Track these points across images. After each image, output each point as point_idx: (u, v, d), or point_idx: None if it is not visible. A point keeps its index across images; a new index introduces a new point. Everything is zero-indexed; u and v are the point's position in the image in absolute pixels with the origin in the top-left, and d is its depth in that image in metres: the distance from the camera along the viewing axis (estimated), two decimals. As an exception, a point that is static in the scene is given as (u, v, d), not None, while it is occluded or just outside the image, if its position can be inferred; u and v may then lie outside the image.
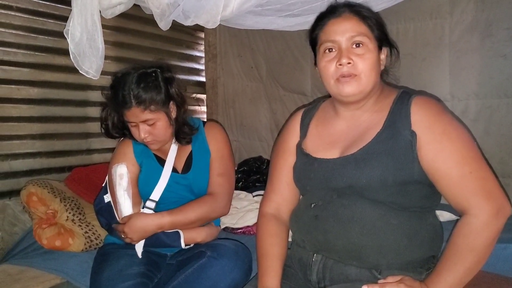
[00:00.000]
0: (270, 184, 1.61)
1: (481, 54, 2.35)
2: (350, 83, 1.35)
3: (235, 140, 3.47)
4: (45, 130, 2.53)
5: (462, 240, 1.24)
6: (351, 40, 1.34)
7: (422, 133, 1.28)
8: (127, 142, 1.89)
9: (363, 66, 1.34)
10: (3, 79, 2.32)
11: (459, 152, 1.25)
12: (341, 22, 1.37)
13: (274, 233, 1.52)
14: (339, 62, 1.34)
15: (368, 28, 1.36)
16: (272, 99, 3.27)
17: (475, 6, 2.33)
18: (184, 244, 1.76)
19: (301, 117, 1.60)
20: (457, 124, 1.31)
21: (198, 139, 1.94)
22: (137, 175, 1.85)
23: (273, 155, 1.64)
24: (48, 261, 1.96)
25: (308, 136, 1.53)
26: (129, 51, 2.95)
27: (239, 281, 1.64)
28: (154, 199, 1.80)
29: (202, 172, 1.88)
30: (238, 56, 3.40)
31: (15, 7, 2.35)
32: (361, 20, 1.37)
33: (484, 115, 2.39)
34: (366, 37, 1.35)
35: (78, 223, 2.06)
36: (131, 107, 1.72)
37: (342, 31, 1.35)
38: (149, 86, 1.74)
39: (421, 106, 1.32)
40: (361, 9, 1.39)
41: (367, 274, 1.33)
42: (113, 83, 1.80)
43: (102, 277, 1.65)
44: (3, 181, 2.36)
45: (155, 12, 2.04)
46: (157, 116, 1.76)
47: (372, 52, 1.35)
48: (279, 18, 2.24)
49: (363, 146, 1.35)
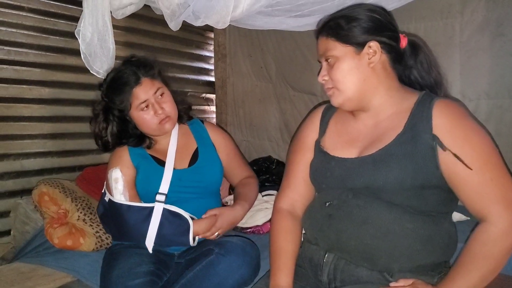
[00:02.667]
0: (286, 180, 1.60)
1: (492, 54, 2.33)
2: (334, 95, 1.43)
3: (245, 140, 3.47)
4: (56, 129, 2.55)
5: (479, 248, 1.22)
6: (323, 58, 1.44)
7: (443, 137, 1.26)
8: (122, 147, 1.91)
9: (335, 76, 1.39)
10: (15, 79, 2.35)
11: (481, 158, 1.24)
12: (319, 45, 1.46)
13: (288, 230, 1.51)
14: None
15: (336, 40, 1.40)
16: (281, 99, 3.27)
17: (486, 5, 2.31)
18: (192, 241, 1.76)
19: (322, 114, 1.60)
20: (479, 129, 1.29)
21: (201, 135, 2.00)
22: (133, 178, 1.86)
23: (290, 150, 1.64)
24: (59, 260, 1.97)
25: (327, 133, 1.54)
26: (139, 51, 2.95)
27: (247, 277, 1.65)
28: (163, 192, 1.80)
29: (209, 163, 1.94)
30: (248, 56, 3.40)
31: (26, 7, 2.37)
32: (329, 36, 1.41)
33: (495, 115, 2.37)
34: (331, 50, 1.40)
35: (89, 223, 2.07)
36: (141, 81, 1.79)
37: (319, 53, 1.46)
38: (142, 62, 1.85)
39: (443, 109, 1.30)
40: (331, 22, 1.43)
41: (378, 277, 1.32)
42: (109, 80, 1.84)
43: (112, 276, 1.66)
44: (15, 180, 2.38)
45: (166, 13, 2.04)
46: (162, 84, 1.85)
47: (342, 60, 1.38)
48: (289, 19, 2.24)
49: (382, 147, 1.34)
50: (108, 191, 1.85)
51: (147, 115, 1.81)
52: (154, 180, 1.83)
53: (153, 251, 1.76)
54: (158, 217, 1.75)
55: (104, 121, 1.87)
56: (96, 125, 1.89)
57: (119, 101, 1.81)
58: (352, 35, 1.37)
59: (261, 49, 3.30)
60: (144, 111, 1.81)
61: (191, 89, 3.47)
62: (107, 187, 1.87)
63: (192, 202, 1.85)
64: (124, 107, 1.82)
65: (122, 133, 1.88)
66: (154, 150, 1.93)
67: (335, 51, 1.38)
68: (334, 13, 1.47)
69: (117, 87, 1.81)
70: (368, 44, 1.37)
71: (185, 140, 1.97)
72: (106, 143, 1.89)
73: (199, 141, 1.99)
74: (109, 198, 1.84)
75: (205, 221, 1.79)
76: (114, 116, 1.86)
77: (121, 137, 1.88)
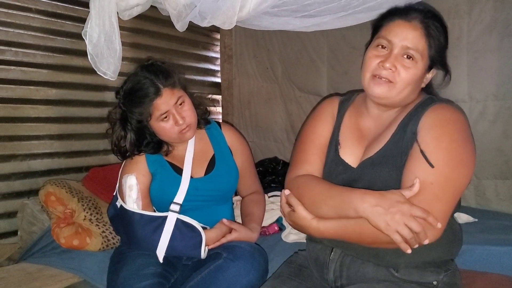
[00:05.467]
0: (302, 155, 1.52)
1: (499, 55, 2.32)
2: (382, 85, 1.34)
3: (251, 141, 3.47)
4: (63, 130, 2.56)
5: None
6: (405, 49, 1.33)
7: (421, 131, 1.27)
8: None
9: (403, 77, 1.32)
10: (22, 80, 2.36)
11: (437, 162, 1.22)
12: (406, 28, 1.34)
13: (321, 179, 1.45)
14: (383, 64, 1.33)
15: (427, 46, 1.34)
16: (287, 100, 3.27)
17: (494, 6, 2.30)
18: (204, 254, 1.73)
19: (339, 106, 1.57)
20: (461, 141, 1.26)
21: (218, 140, 1.96)
22: (147, 186, 1.82)
23: (305, 132, 1.57)
24: (66, 260, 1.98)
25: (342, 128, 1.52)
26: (146, 52, 2.97)
27: (255, 283, 1.62)
28: (178, 202, 1.77)
29: (226, 171, 1.90)
30: (254, 57, 3.40)
31: (34, 9, 2.38)
32: (425, 36, 1.33)
33: (503, 116, 2.36)
34: (419, 54, 1.32)
35: (95, 223, 2.08)
36: (161, 92, 1.70)
37: (402, 37, 1.33)
38: (162, 70, 1.76)
39: (435, 110, 1.30)
40: (431, 25, 1.35)
41: (384, 273, 1.32)
42: (128, 90, 1.76)
43: (119, 277, 1.65)
44: (22, 181, 2.40)
45: (172, 14, 2.04)
46: (182, 93, 1.78)
47: (418, 69, 1.33)
48: (295, 19, 2.23)
49: (379, 148, 1.36)
50: (121, 197, 1.81)
51: (167, 124, 1.75)
52: (170, 189, 1.80)
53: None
54: (171, 227, 1.72)
55: (122, 130, 1.81)
56: (114, 134, 1.83)
57: (139, 113, 1.74)
58: (436, 55, 1.36)
59: (267, 50, 3.30)
60: (164, 121, 1.75)
61: (197, 90, 3.46)
62: (120, 192, 1.83)
63: (205, 210, 1.84)
64: (143, 118, 1.76)
65: (140, 141, 1.83)
66: (171, 156, 1.88)
67: (420, 60, 1.33)
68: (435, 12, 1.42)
69: (136, 99, 1.73)
70: (432, 70, 1.39)
71: (202, 146, 1.93)
72: (125, 152, 1.83)
73: (216, 147, 1.94)
74: (120, 204, 1.81)
75: (216, 232, 1.77)
76: (132, 125, 1.79)
77: (139, 145, 1.83)
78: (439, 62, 1.39)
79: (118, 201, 1.83)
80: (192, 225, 1.73)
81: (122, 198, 1.80)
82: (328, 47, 3.00)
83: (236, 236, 1.77)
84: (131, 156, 1.83)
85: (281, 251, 1.89)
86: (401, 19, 1.36)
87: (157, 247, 1.71)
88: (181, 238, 1.72)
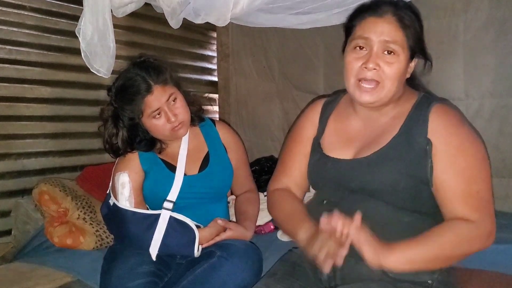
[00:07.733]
0: (282, 167, 1.59)
1: (496, 52, 2.31)
2: (369, 93, 1.33)
3: (247, 140, 3.45)
4: (58, 129, 2.55)
5: (450, 235, 1.24)
6: (384, 45, 1.31)
7: (438, 142, 1.27)
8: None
9: (388, 73, 1.31)
10: (16, 79, 2.35)
11: (471, 170, 1.25)
12: (380, 23, 1.32)
13: (291, 196, 1.53)
14: (365, 65, 1.31)
15: (405, 37, 1.32)
16: (284, 98, 3.26)
17: (490, 4, 2.29)
18: (197, 252, 1.73)
19: (322, 110, 1.57)
20: (474, 138, 1.30)
21: (212, 138, 1.95)
22: (140, 184, 1.82)
23: (288, 140, 1.61)
24: (59, 259, 1.97)
25: (326, 131, 1.52)
26: (140, 51, 2.93)
27: (249, 281, 1.62)
28: (171, 199, 1.76)
29: (220, 168, 1.90)
30: (251, 56, 3.39)
31: (28, 7, 2.37)
32: (401, 28, 1.32)
33: (499, 114, 2.34)
34: (399, 46, 1.31)
35: (89, 222, 2.07)
36: (152, 89, 1.70)
37: (379, 32, 1.31)
38: (154, 66, 1.75)
39: (440, 115, 1.30)
40: (404, 15, 1.34)
41: (378, 272, 1.30)
42: (119, 87, 1.76)
43: (112, 276, 1.65)
44: (16, 180, 2.38)
45: (166, 11, 2.03)
46: (174, 90, 1.77)
47: (401, 62, 1.32)
48: (290, 16, 2.24)
49: (377, 149, 1.35)
50: (113, 195, 1.81)
51: (159, 121, 1.74)
52: (163, 186, 1.79)
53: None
54: (164, 225, 1.71)
55: (114, 127, 1.80)
56: (106, 131, 1.82)
57: (130, 110, 1.74)
58: (415, 43, 1.35)
59: (264, 49, 3.29)
60: (156, 118, 1.74)
61: (194, 89, 3.44)
62: (113, 190, 1.83)
63: (199, 208, 1.83)
64: (135, 116, 1.75)
65: (132, 138, 1.82)
66: (165, 154, 1.87)
67: (401, 53, 1.32)
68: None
69: (127, 96, 1.73)
70: (414, 59, 1.39)
71: (196, 144, 1.91)
72: (117, 149, 1.82)
73: (210, 144, 1.93)
74: (113, 202, 1.80)
75: (210, 231, 1.76)
76: (124, 122, 1.79)
77: (132, 142, 1.83)
78: (419, 50, 1.38)
79: (111, 199, 1.82)
80: (185, 222, 1.72)
81: (115, 196, 1.79)
82: (325, 46, 2.98)
83: (230, 234, 1.76)
84: (123, 153, 1.82)
85: (276, 250, 1.88)
86: (373, 16, 1.34)
87: (150, 245, 1.70)
88: (174, 236, 1.71)
